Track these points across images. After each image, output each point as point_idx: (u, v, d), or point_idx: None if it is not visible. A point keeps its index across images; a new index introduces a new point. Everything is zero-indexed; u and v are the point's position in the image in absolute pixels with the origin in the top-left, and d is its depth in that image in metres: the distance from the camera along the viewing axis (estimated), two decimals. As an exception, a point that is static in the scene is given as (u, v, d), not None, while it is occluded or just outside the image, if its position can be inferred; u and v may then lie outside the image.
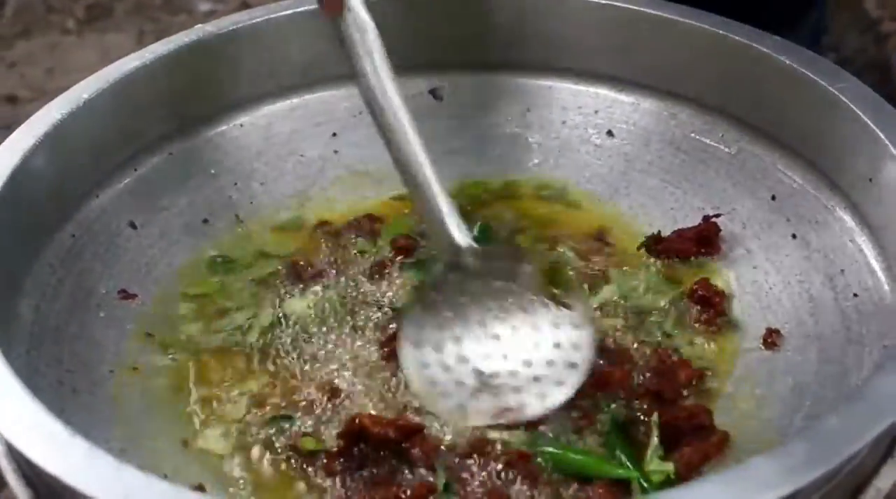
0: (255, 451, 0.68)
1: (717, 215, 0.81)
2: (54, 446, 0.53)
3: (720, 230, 0.80)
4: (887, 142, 0.71)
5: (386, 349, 0.73)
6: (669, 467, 0.65)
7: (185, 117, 0.84)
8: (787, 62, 0.79)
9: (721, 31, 0.82)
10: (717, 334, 0.75)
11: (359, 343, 0.75)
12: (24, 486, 0.60)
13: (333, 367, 0.73)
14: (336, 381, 0.72)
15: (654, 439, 0.66)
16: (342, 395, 0.71)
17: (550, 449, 0.66)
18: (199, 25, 0.83)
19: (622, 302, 0.77)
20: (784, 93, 0.80)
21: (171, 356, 0.74)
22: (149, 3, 1.98)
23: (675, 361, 0.72)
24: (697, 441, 0.66)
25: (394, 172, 0.85)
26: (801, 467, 0.51)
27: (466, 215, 0.75)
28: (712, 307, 0.77)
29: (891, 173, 0.70)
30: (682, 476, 0.65)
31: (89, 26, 2.00)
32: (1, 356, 0.58)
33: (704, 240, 0.80)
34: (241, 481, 0.66)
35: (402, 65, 0.89)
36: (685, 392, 0.71)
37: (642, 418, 0.68)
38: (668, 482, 0.64)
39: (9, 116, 0.71)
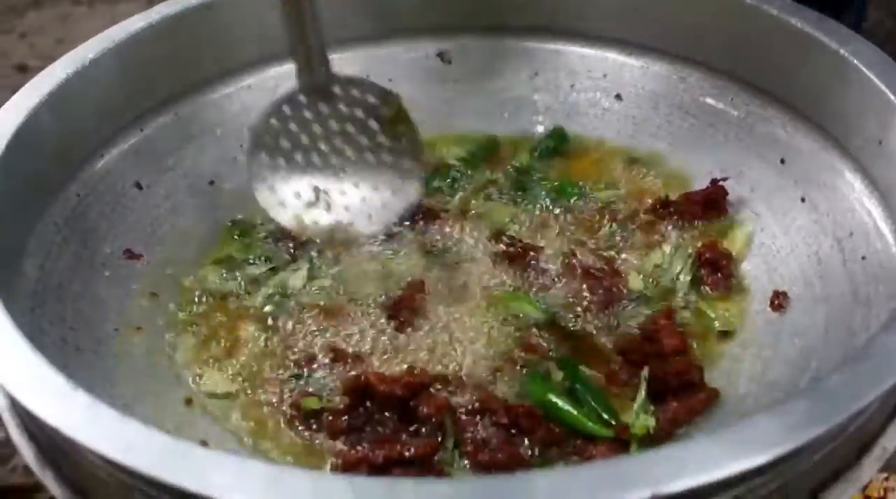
0: (259, 409, 0.68)
1: (725, 179, 0.81)
2: (56, 399, 0.53)
3: (727, 193, 0.80)
4: (897, 103, 0.70)
5: (397, 318, 0.73)
6: (651, 421, 0.65)
7: (190, 78, 0.84)
8: (798, 25, 0.78)
9: (731, -6, 0.81)
10: (725, 297, 0.75)
11: (365, 306, 0.75)
12: (27, 440, 0.60)
13: (338, 328, 0.73)
14: (340, 341, 0.72)
15: (642, 393, 0.67)
16: (346, 355, 0.71)
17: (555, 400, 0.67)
18: (206, -14, 0.83)
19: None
20: (794, 56, 0.79)
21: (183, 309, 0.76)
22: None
23: (664, 326, 0.72)
24: (685, 397, 0.67)
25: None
26: (803, 425, 0.50)
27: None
28: (719, 270, 0.77)
29: (900, 135, 0.70)
30: (666, 431, 0.65)
31: (102, -4, 1.99)
32: (4, 312, 0.58)
33: (712, 203, 0.80)
34: (244, 439, 0.67)
35: (411, 28, 0.90)
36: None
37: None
38: (648, 436, 0.65)
39: (19, 85, 0.71)
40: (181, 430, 0.65)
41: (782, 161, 0.80)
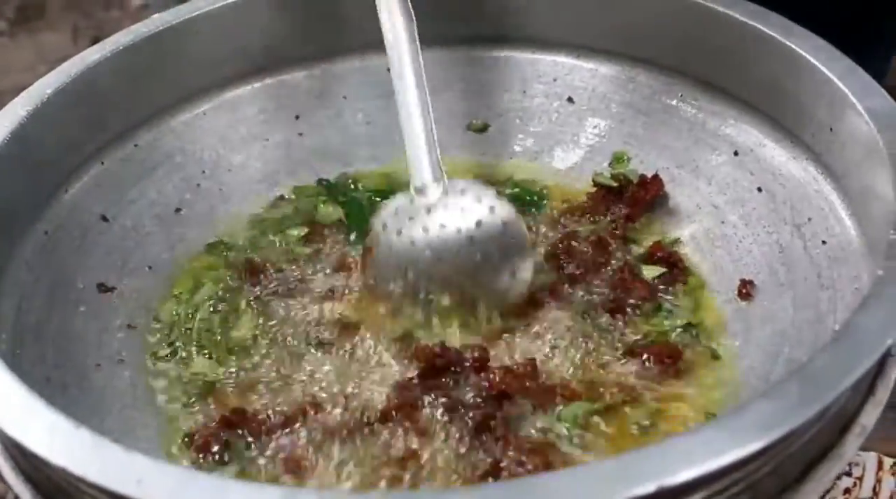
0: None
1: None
2: (59, 438, 0.52)
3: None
4: (846, 90, 0.72)
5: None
6: None
7: (147, 107, 0.84)
8: (741, 19, 0.80)
9: (674, -8, 0.83)
10: (690, 290, 0.77)
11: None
12: (24, 482, 0.60)
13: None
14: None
15: None
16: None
17: None
18: (157, 15, 0.82)
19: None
20: (740, 49, 0.81)
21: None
22: (81, 0, 1.95)
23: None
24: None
25: (359, 150, 0.87)
26: (797, 407, 0.52)
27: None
28: (674, 266, 0.79)
29: (851, 121, 0.72)
30: None
31: (22, 26, 1.97)
32: (-5, 355, 0.58)
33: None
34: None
35: (362, 45, 0.90)
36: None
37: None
38: None
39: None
40: (176, 461, 0.65)
41: (735, 153, 0.82)
